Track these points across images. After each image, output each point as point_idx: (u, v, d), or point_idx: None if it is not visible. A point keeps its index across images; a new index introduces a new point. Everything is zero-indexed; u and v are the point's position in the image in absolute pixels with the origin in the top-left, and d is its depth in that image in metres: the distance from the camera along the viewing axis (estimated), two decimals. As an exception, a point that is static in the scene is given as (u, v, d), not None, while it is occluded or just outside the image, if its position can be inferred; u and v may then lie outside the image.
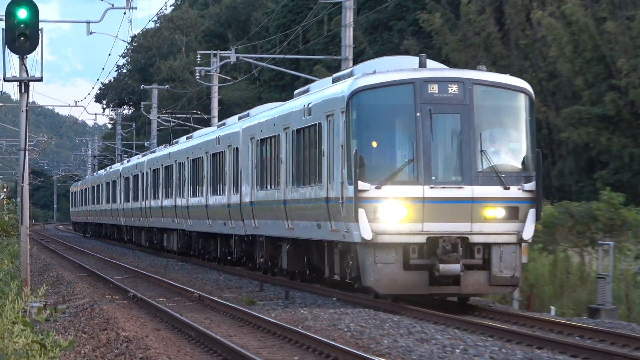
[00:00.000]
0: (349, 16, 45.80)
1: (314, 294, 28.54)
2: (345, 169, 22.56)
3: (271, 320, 21.83)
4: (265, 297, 30.63)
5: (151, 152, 60.56)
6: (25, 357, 6.02)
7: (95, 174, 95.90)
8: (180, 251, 49.89)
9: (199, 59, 65.72)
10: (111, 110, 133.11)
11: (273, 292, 31.80)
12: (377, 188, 21.63)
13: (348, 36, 45.58)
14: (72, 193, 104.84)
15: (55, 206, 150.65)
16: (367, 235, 21.34)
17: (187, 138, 48.43)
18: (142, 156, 61.53)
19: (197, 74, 64.80)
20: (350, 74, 25.47)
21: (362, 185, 21.55)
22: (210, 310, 27.02)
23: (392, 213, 21.73)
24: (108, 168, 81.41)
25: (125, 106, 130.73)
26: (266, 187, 29.94)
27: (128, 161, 70.51)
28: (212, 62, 63.69)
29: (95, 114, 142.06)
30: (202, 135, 43.06)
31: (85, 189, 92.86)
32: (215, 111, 66.36)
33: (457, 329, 20.33)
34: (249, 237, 34.59)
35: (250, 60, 62.44)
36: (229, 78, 72.37)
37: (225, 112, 74.37)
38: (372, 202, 21.65)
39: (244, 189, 32.29)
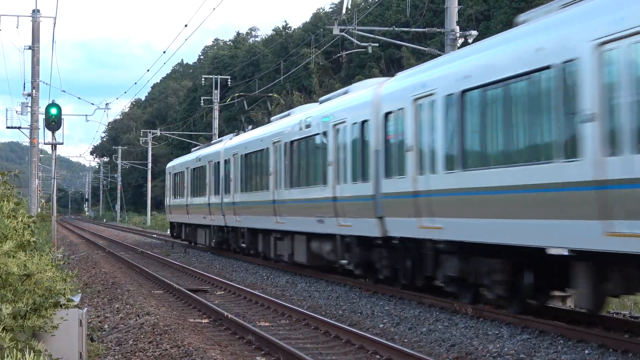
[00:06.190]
0: (215, 113, 62.51)
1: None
2: None
3: (175, 262, 28.96)
4: (174, 251, 36.71)
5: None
6: (53, 283, 7.86)
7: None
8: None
9: (141, 134, 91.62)
10: (97, 158, 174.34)
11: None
12: None
13: (215, 125, 61.08)
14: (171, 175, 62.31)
15: (69, 206, 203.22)
16: None
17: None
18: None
19: (142, 142, 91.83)
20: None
21: None
22: (147, 258, 33.37)
23: None
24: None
25: (105, 157, 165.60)
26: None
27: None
28: (148, 135, 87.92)
29: (90, 161, 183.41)
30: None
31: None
32: (149, 159, 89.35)
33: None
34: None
35: (167, 134, 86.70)
36: (156, 143, 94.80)
37: (155, 161, 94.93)
38: None
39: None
